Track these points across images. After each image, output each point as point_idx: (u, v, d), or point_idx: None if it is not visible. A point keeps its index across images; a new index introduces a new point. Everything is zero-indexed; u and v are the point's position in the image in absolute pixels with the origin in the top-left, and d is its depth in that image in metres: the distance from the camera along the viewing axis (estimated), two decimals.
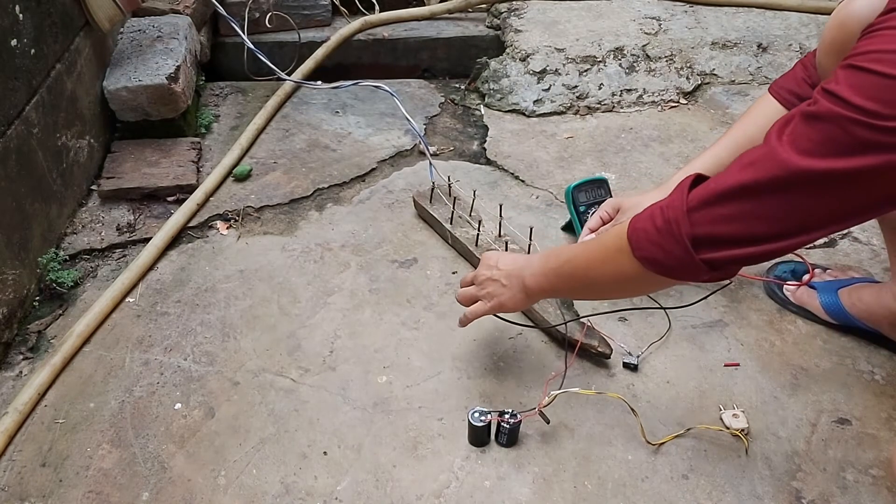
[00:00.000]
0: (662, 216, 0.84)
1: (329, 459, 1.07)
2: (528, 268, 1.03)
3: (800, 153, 0.73)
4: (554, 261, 1.00)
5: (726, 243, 0.80)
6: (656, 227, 0.84)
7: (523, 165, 1.66)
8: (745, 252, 0.79)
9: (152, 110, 1.62)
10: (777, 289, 1.30)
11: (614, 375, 1.18)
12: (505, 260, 1.07)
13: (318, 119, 1.83)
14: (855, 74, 0.70)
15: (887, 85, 0.67)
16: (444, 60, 2.17)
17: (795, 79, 1.13)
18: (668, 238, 0.82)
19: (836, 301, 1.21)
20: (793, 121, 0.75)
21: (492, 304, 1.07)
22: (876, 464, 1.05)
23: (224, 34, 2.11)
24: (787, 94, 1.13)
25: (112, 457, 1.07)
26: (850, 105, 0.69)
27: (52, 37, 1.42)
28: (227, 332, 1.27)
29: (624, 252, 0.88)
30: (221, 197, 1.57)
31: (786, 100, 1.13)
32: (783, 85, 1.15)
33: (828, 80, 0.74)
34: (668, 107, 1.86)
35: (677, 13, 2.12)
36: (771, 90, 1.17)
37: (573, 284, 0.99)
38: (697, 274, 0.83)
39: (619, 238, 0.89)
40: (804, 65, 1.13)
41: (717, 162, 1.15)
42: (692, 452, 1.07)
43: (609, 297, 1.23)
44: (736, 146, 1.14)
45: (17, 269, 1.27)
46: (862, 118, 0.68)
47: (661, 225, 0.84)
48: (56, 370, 1.18)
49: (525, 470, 1.05)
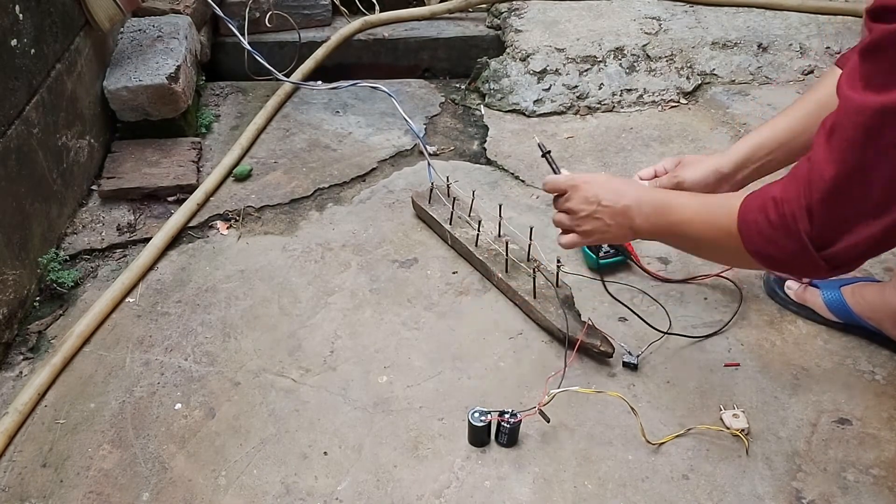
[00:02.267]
0: (777, 210, 0.80)
1: (329, 460, 1.07)
2: (639, 214, 1.01)
3: (876, 91, 0.68)
4: (665, 218, 0.99)
5: (846, 232, 0.75)
6: (769, 221, 0.81)
7: (523, 165, 1.66)
8: (867, 234, 0.74)
9: (152, 110, 1.62)
10: (778, 289, 1.29)
11: (615, 375, 1.18)
12: (607, 196, 1.04)
13: (318, 119, 1.83)
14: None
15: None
16: (444, 60, 2.17)
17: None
18: (784, 234, 0.79)
19: (840, 298, 1.21)
20: (855, 67, 0.71)
21: (592, 240, 1.09)
22: (877, 464, 1.05)
23: (224, 34, 2.11)
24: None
25: (113, 457, 1.07)
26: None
27: (53, 36, 1.42)
28: (228, 332, 1.27)
29: (733, 238, 0.86)
30: (222, 197, 1.57)
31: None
32: (847, 56, 1.00)
33: (870, 4, 0.69)
34: (669, 107, 1.86)
35: (677, 13, 2.12)
36: (838, 63, 1.04)
37: (681, 245, 1.03)
38: (817, 272, 0.80)
39: (730, 219, 0.86)
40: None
41: (790, 130, 1.07)
42: (692, 452, 1.07)
43: (714, 262, 1.14)
44: (806, 113, 1.06)
45: (18, 270, 1.27)
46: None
47: (775, 219, 0.80)
48: (56, 370, 1.18)
49: (525, 470, 1.05)
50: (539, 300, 1.25)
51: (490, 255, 1.35)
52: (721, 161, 1.12)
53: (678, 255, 1.39)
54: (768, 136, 1.10)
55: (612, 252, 1.35)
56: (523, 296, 1.26)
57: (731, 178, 1.12)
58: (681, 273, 1.36)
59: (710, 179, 1.12)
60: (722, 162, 1.12)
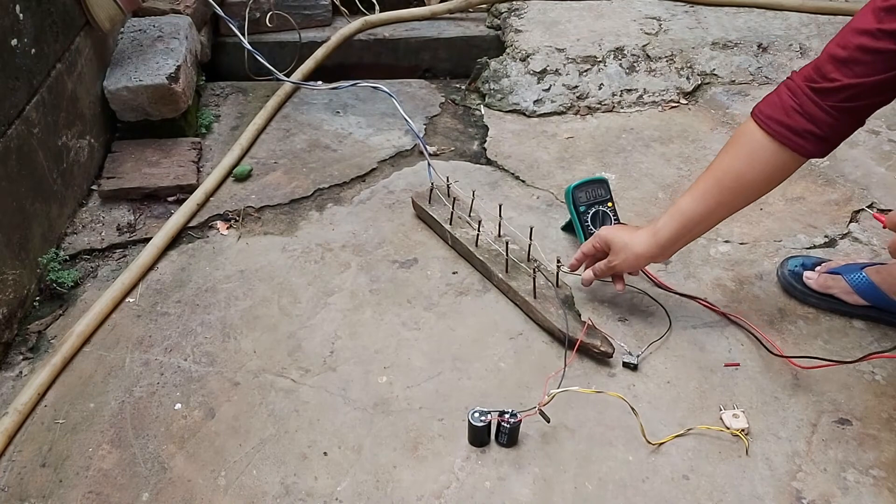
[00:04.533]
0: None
1: (329, 460, 1.07)
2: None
3: None
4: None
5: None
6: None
7: (524, 166, 1.66)
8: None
9: (153, 110, 1.62)
10: (795, 282, 1.29)
11: (615, 375, 1.18)
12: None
13: (318, 119, 1.83)
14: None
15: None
16: (444, 60, 2.17)
17: (784, 108, 1.02)
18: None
19: (866, 278, 1.21)
20: None
21: None
22: (877, 464, 1.05)
23: (224, 34, 2.11)
24: (776, 125, 1.02)
25: (112, 457, 1.07)
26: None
27: (53, 36, 1.42)
28: (228, 332, 1.27)
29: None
30: (222, 197, 1.57)
31: (776, 132, 1.02)
32: (771, 115, 1.03)
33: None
34: (669, 107, 1.86)
35: (678, 13, 2.12)
36: (757, 118, 1.05)
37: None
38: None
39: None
40: (791, 91, 1.02)
41: (708, 205, 1.11)
42: (693, 453, 1.07)
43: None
44: (724, 186, 1.09)
45: (18, 269, 1.27)
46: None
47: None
48: (56, 370, 1.18)
49: (525, 470, 1.05)
50: (539, 300, 1.25)
51: (490, 255, 1.35)
52: (648, 247, 1.16)
53: (678, 255, 1.39)
54: (692, 213, 1.12)
55: None
56: (523, 296, 1.26)
57: (661, 256, 1.18)
58: (682, 273, 1.36)
59: (640, 262, 1.19)
60: (649, 247, 1.16)
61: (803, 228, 1.46)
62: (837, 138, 1.02)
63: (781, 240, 1.43)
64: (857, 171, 1.60)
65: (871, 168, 1.61)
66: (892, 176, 1.58)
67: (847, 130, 1.01)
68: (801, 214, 1.49)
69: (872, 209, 1.49)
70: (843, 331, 1.24)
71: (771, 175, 1.07)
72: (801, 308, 1.29)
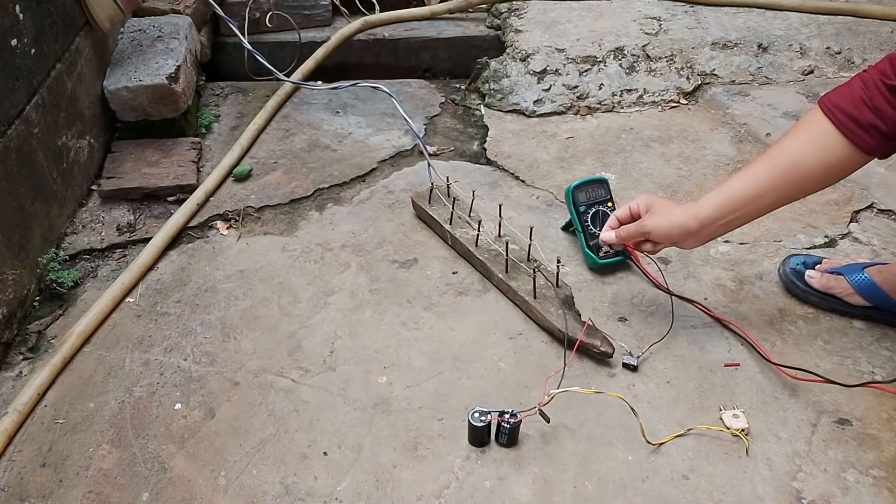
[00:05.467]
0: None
1: (329, 460, 1.07)
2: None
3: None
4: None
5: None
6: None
7: (524, 165, 1.66)
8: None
9: (153, 110, 1.62)
10: (797, 280, 1.29)
11: (615, 375, 1.18)
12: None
13: (318, 119, 1.83)
14: None
15: None
16: (444, 60, 2.17)
17: (853, 99, 0.99)
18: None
19: (869, 279, 1.20)
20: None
21: None
22: (877, 464, 1.05)
23: (224, 34, 2.11)
24: (842, 114, 0.99)
25: (112, 457, 1.07)
26: None
27: (53, 36, 1.42)
28: (228, 332, 1.27)
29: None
30: (221, 197, 1.57)
31: (840, 122, 0.99)
32: (838, 104, 1.00)
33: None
34: (669, 107, 1.86)
35: (678, 13, 2.12)
36: (823, 106, 1.02)
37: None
38: None
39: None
40: (864, 83, 0.99)
41: (758, 187, 1.05)
42: (692, 453, 1.07)
43: None
44: (778, 169, 1.04)
45: (18, 269, 1.27)
46: None
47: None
48: (56, 370, 1.18)
49: (525, 470, 1.05)
50: (539, 300, 1.25)
51: (490, 255, 1.35)
52: (687, 217, 1.09)
53: (678, 254, 1.39)
54: (739, 192, 1.06)
55: (612, 252, 1.35)
56: (523, 296, 1.26)
57: (698, 234, 1.10)
58: (682, 273, 1.36)
59: (674, 233, 1.10)
60: (688, 218, 1.09)
61: (803, 228, 1.46)
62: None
63: (781, 240, 1.43)
64: (858, 171, 1.59)
65: (871, 168, 1.60)
66: (892, 176, 1.58)
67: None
68: (800, 214, 1.49)
69: (873, 209, 1.49)
70: (843, 331, 1.24)
71: (829, 167, 1.01)
72: (801, 308, 1.29)
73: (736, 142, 1.72)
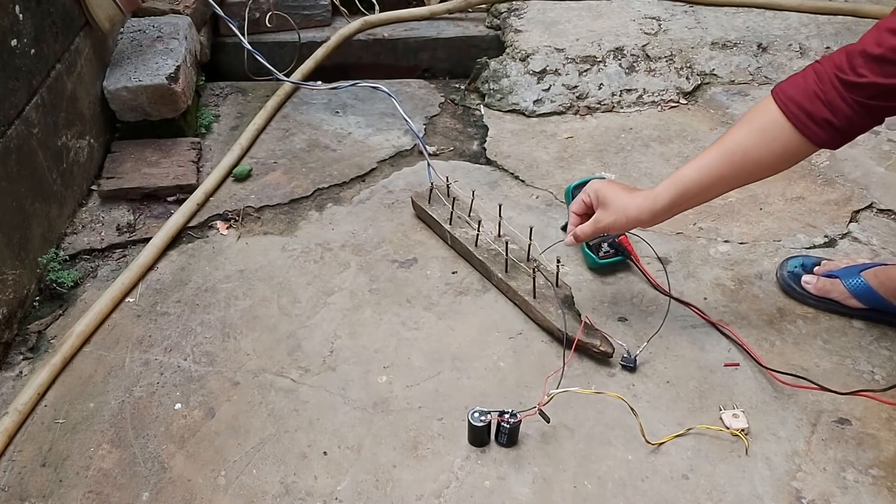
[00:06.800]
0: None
1: (329, 459, 1.07)
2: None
3: None
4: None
5: None
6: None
7: (523, 165, 1.66)
8: None
9: (152, 110, 1.62)
10: (795, 284, 1.29)
11: (614, 375, 1.18)
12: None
13: (318, 119, 1.83)
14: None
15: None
16: (444, 60, 2.17)
17: (807, 92, 0.99)
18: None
19: (864, 283, 1.21)
20: None
21: None
22: (876, 464, 1.05)
23: (224, 34, 2.11)
24: (796, 107, 0.99)
25: (112, 457, 1.07)
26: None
27: (53, 37, 1.42)
28: (227, 332, 1.27)
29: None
30: (221, 197, 1.57)
31: (793, 115, 0.99)
32: (792, 96, 1.00)
33: None
34: (668, 107, 1.86)
35: (677, 13, 2.12)
36: (776, 97, 1.02)
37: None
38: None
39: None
40: (818, 76, 0.98)
41: (709, 176, 1.06)
42: (692, 452, 1.07)
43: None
44: (728, 158, 1.05)
45: (17, 269, 1.27)
46: None
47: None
48: (56, 370, 1.18)
49: (525, 470, 1.05)
50: (539, 300, 1.25)
51: (490, 255, 1.35)
52: (641, 211, 1.09)
53: (678, 254, 1.39)
54: (692, 182, 1.07)
55: (612, 252, 1.35)
56: (523, 296, 1.26)
57: (649, 224, 1.12)
58: (681, 273, 1.36)
59: (630, 226, 1.12)
60: (641, 212, 1.09)
61: (803, 228, 1.46)
62: (854, 132, 0.99)
63: (781, 239, 1.43)
64: (857, 170, 1.60)
65: (871, 168, 1.61)
66: (891, 176, 1.58)
67: (865, 127, 0.98)
68: (800, 214, 1.49)
69: (873, 209, 1.49)
70: (843, 330, 1.24)
71: (780, 157, 1.03)
72: (800, 308, 1.29)
73: None
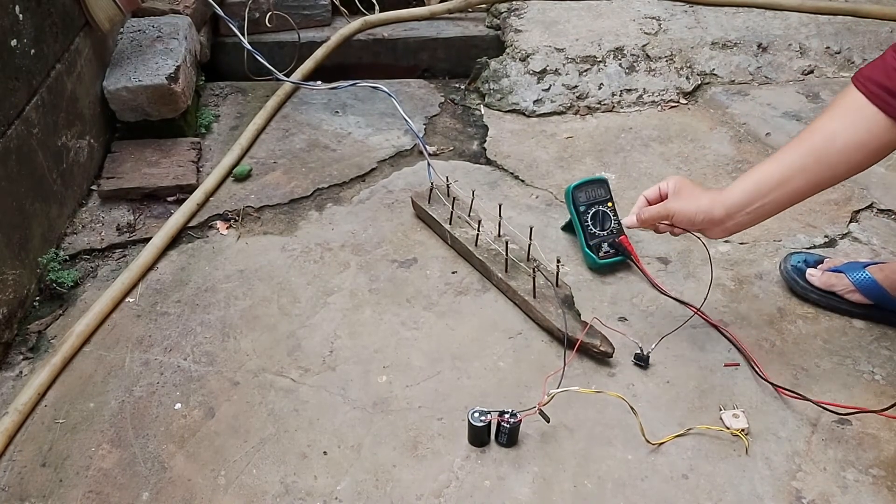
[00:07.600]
0: None
1: (329, 459, 1.07)
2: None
3: None
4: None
5: None
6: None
7: (523, 165, 1.66)
8: None
9: (152, 110, 1.62)
10: (798, 278, 1.28)
11: (614, 375, 1.18)
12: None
13: (317, 119, 1.83)
14: None
15: None
16: (444, 60, 2.17)
17: (885, 69, 0.93)
18: None
19: (870, 277, 1.20)
20: None
21: None
22: (876, 464, 1.05)
23: (224, 34, 2.11)
24: (875, 85, 0.94)
25: (112, 457, 1.07)
26: None
27: (52, 37, 1.42)
28: (227, 332, 1.27)
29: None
30: (221, 197, 1.57)
31: (873, 93, 0.94)
32: (869, 76, 0.95)
33: None
34: (668, 107, 1.86)
35: (677, 13, 2.12)
36: (856, 81, 0.97)
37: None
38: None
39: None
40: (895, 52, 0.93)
41: (788, 168, 0.99)
42: (692, 452, 1.07)
43: None
44: (808, 149, 0.98)
45: (17, 269, 1.27)
46: None
47: None
48: (56, 370, 1.18)
49: (525, 470, 1.05)
50: (539, 300, 1.25)
51: (490, 254, 1.35)
52: (714, 204, 1.04)
53: (678, 254, 1.39)
54: (767, 175, 1.00)
55: (612, 252, 1.35)
56: (523, 296, 1.26)
57: (723, 223, 1.04)
58: (681, 272, 1.36)
59: (698, 218, 1.05)
60: (714, 205, 1.04)
61: (803, 228, 1.46)
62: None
63: (781, 239, 1.43)
64: None
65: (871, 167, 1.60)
66: (892, 176, 1.58)
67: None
68: (800, 214, 1.49)
69: (873, 209, 1.49)
70: (843, 330, 1.24)
71: (864, 143, 0.95)
72: (800, 307, 1.29)
73: (735, 141, 1.72)
